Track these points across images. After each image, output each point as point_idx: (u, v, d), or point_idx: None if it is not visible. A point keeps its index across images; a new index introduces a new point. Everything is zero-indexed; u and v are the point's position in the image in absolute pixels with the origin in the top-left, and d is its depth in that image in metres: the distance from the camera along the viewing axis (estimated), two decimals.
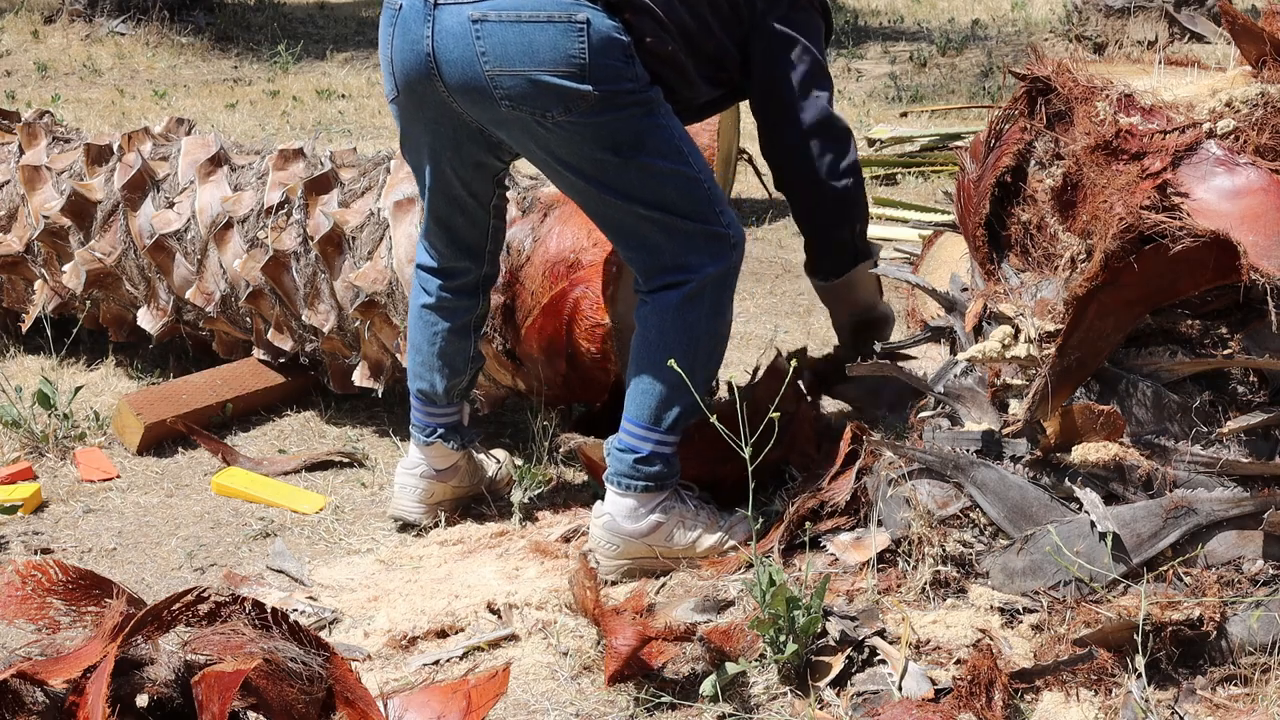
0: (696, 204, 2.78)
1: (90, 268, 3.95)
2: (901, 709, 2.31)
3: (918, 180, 6.27)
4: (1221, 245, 2.26)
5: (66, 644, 1.74)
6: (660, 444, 2.84)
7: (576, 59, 2.61)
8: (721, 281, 2.80)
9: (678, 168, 2.77)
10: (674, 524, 2.87)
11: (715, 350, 2.86)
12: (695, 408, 2.80)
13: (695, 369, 2.79)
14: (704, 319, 2.80)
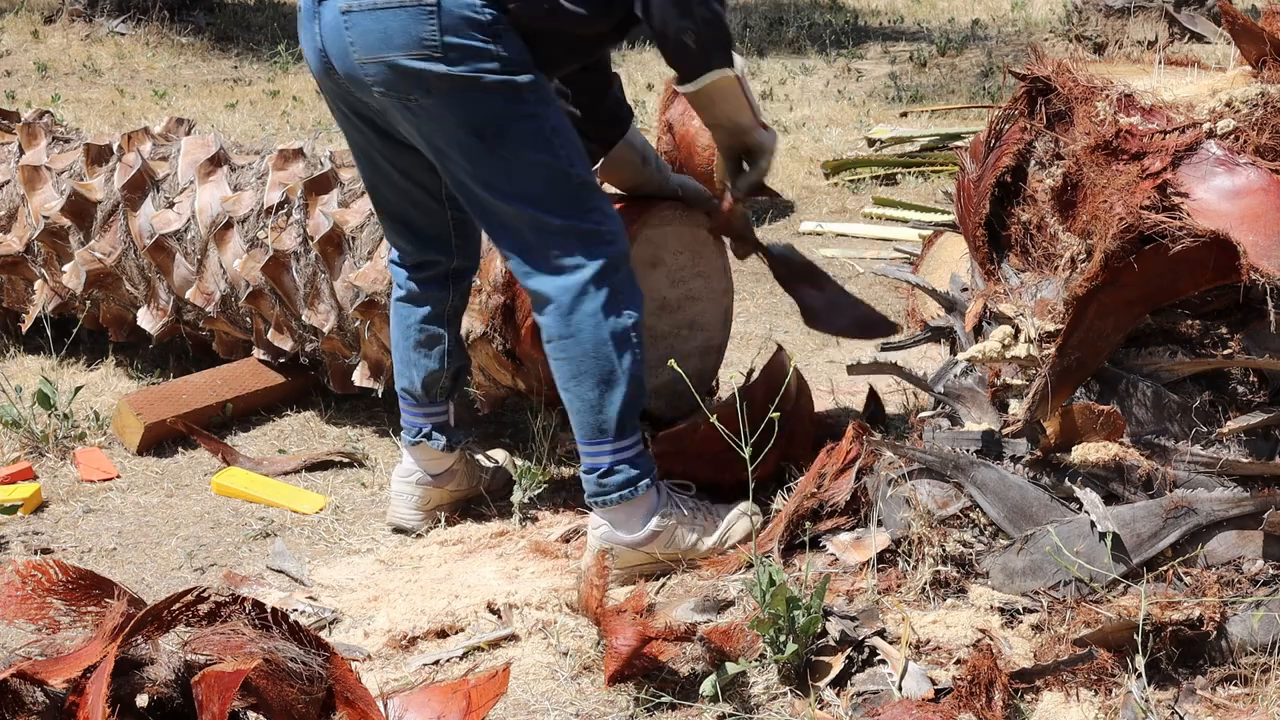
0: (564, 199, 2.72)
1: (90, 268, 3.95)
2: (901, 709, 2.31)
3: (918, 180, 6.27)
4: (1221, 245, 2.26)
5: (66, 644, 1.74)
6: (616, 451, 2.80)
7: (429, 41, 2.61)
8: (604, 278, 2.73)
9: (544, 159, 2.69)
10: (673, 530, 2.87)
11: (631, 344, 2.78)
12: (632, 404, 2.78)
13: (618, 369, 2.75)
14: (600, 322, 2.74)
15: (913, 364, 2.97)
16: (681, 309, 3.35)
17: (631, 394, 2.78)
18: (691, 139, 5.56)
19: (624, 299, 2.76)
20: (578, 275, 2.72)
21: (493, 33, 2.63)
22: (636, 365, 2.79)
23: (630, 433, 2.81)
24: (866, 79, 9.01)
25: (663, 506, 2.87)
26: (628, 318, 2.77)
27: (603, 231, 2.74)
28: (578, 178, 2.73)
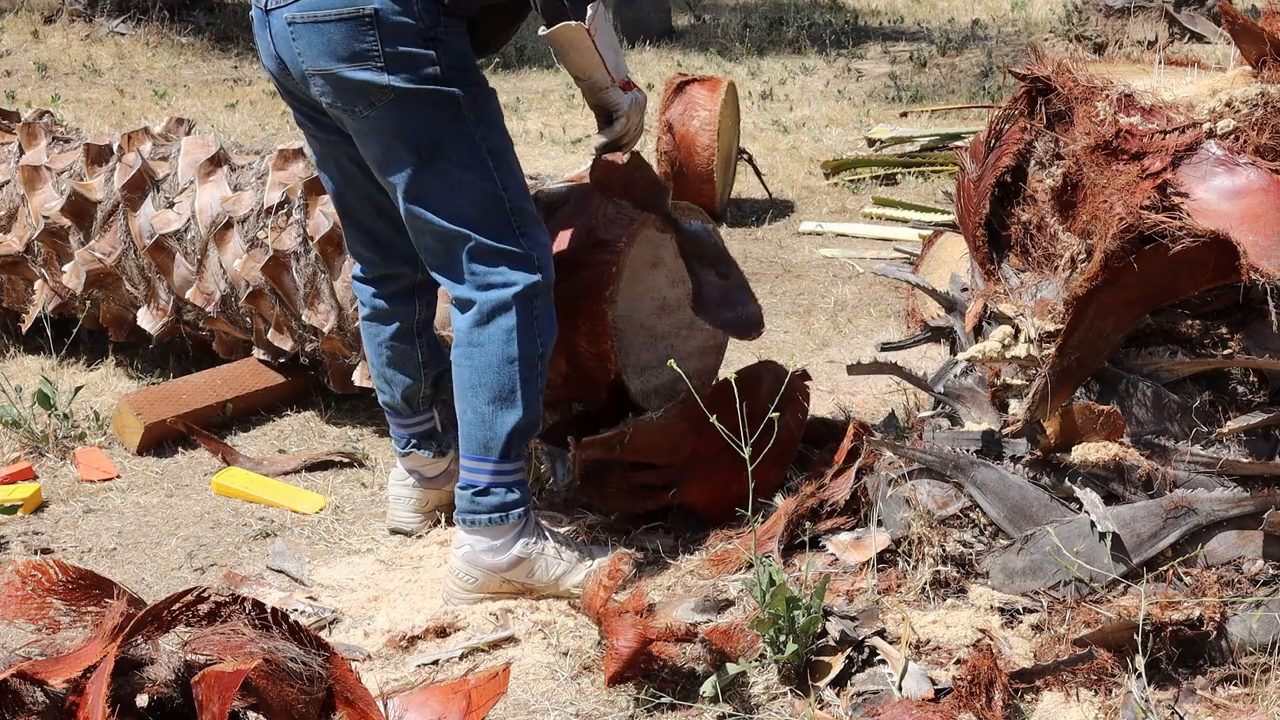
0: (495, 222, 2.74)
1: (90, 268, 3.95)
2: (901, 709, 2.31)
3: (918, 180, 6.27)
4: (1221, 245, 2.26)
5: (66, 644, 1.74)
6: (496, 473, 2.79)
7: (370, 51, 2.63)
8: (528, 304, 2.75)
9: (478, 181, 2.73)
10: (536, 560, 2.82)
11: (536, 370, 2.79)
12: (524, 430, 2.78)
13: (519, 391, 2.76)
14: (512, 340, 2.75)
15: (913, 364, 2.97)
16: (681, 309, 3.35)
17: (525, 421, 2.79)
18: (691, 139, 5.57)
19: (539, 327, 2.78)
20: (502, 291, 2.74)
21: (431, 37, 2.65)
22: (535, 395, 2.80)
23: (514, 458, 2.80)
24: (866, 79, 9.01)
25: (530, 535, 2.84)
26: (539, 345, 2.78)
27: (531, 257, 2.76)
28: (511, 203, 2.75)
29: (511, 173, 2.78)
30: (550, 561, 2.83)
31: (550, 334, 2.82)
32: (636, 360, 3.25)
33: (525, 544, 2.82)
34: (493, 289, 2.74)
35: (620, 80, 2.86)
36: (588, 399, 3.40)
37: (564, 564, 2.83)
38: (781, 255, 5.39)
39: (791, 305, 4.79)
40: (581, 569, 2.83)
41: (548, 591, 2.83)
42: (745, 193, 6.21)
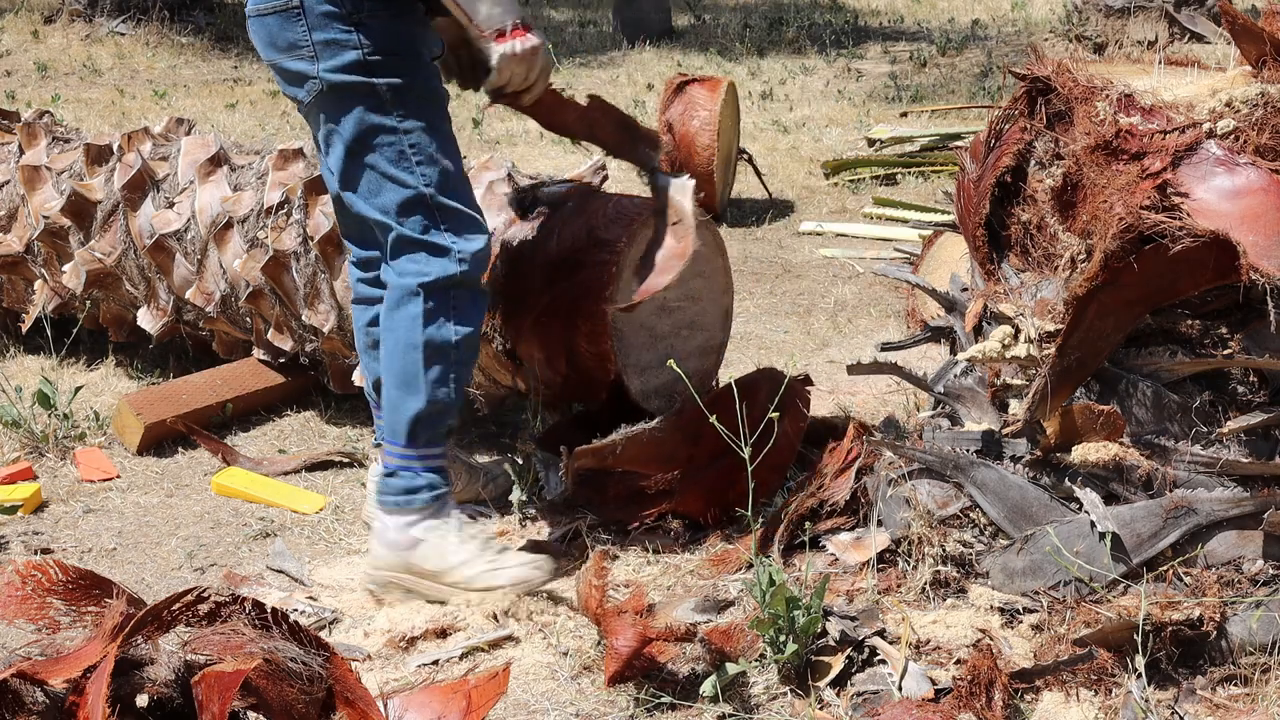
0: (417, 215, 2.77)
1: (90, 268, 3.95)
2: (901, 709, 2.31)
3: (918, 180, 6.27)
4: (1221, 245, 2.26)
5: (66, 644, 1.74)
6: (404, 458, 2.82)
7: (301, 41, 2.73)
8: (439, 294, 2.77)
9: (400, 175, 2.76)
10: (434, 545, 2.82)
11: (447, 360, 2.80)
12: (429, 419, 2.80)
13: (421, 378, 2.78)
14: (416, 327, 2.77)
15: (913, 364, 2.98)
16: (681, 309, 3.35)
17: (431, 410, 2.80)
18: (691, 139, 5.57)
19: (453, 317, 2.79)
20: (415, 279, 2.77)
21: (355, 22, 2.70)
22: (443, 384, 2.80)
23: (424, 444, 2.82)
24: (866, 79, 9.01)
25: (437, 520, 2.84)
26: (450, 333, 2.79)
27: (452, 249, 2.77)
28: (432, 198, 2.76)
29: (437, 167, 2.78)
30: (449, 549, 2.82)
31: (468, 322, 2.81)
32: (636, 360, 3.25)
33: (427, 528, 2.83)
34: (405, 276, 2.79)
35: (491, 30, 2.77)
36: (588, 399, 3.41)
37: (463, 554, 2.81)
38: (781, 255, 5.39)
39: (791, 305, 4.80)
40: (481, 565, 2.80)
41: (444, 579, 2.82)
42: (745, 193, 6.21)
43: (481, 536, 2.86)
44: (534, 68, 2.81)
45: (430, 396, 2.80)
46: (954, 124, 7.21)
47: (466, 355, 2.83)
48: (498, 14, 2.76)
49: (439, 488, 2.85)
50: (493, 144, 7.09)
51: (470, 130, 7.40)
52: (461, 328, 2.80)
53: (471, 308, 2.82)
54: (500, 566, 2.80)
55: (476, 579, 2.79)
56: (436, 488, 2.84)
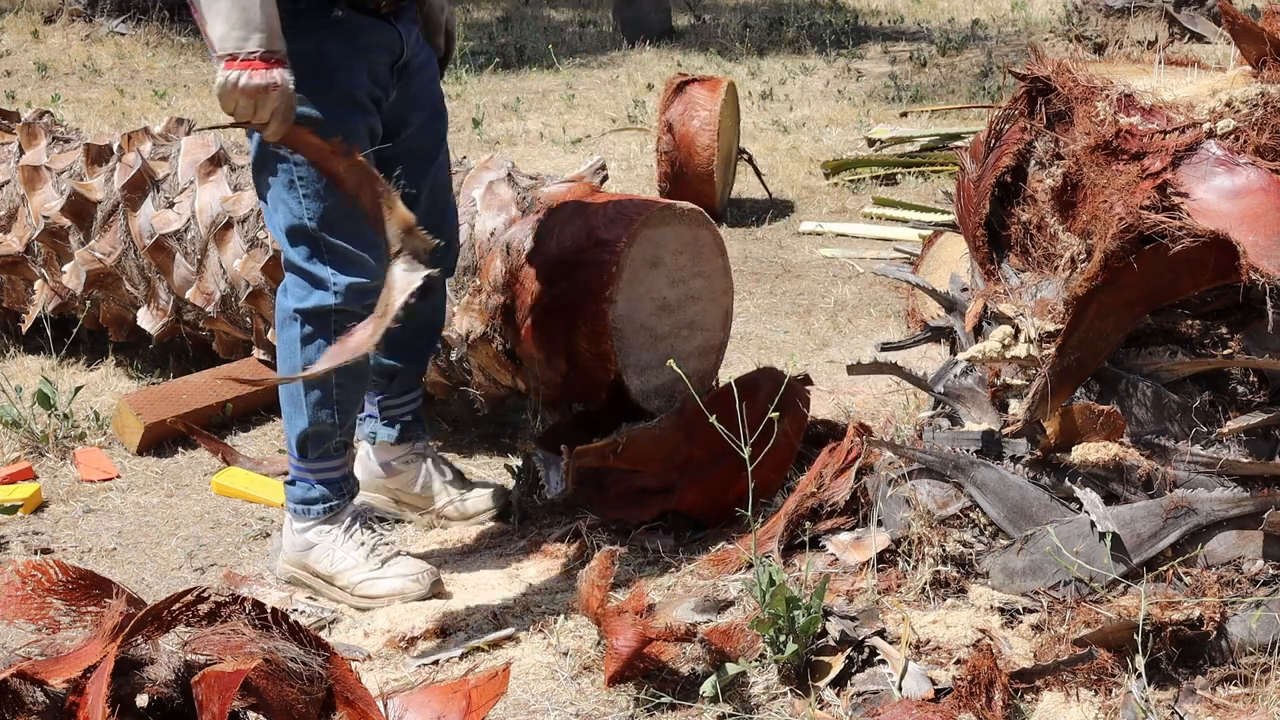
0: (299, 242, 2.77)
1: (90, 268, 3.95)
2: (901, 709, 2.31)
3: (918, 180, 6.27)
4: (1221, 245, 2.26)
5: (66, 644, 1.74)
6: (298, 469, 2.88)
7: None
8: (318, 320, 2.78)
9: (289, 202, 2.76)
10: (323, 550, 2.87)
11: (327, 384, 2.80)
12: (313, 437, 2.82)
13: (302, 399, 2.81)
14: (295, 350, 2.80)
15: (913, 364, 2.97)
16: (681, 309, 3.35)
17: (314, 430, 2.83)
18: (691, 139, 5.57)
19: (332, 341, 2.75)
20: (295, 303, 2.80)
21: None
22: (324, 406, 2.83)
23: (314, 459, 2.86)
24: (866, 79, 9.01)
25: (329, 527, 2.88)
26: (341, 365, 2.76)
27: (327, 281, 2.76)
28: (313, 230, 2.75)
29: (323, 203, 2.73)
30: (337, 555, 2.86)
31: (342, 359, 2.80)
32: (636, 360, 3.25)
33: (318, 532, 2.87)
34: (287, 298, 2.81)
35: (224, 53, 2.55)
36: (588, 399, 3.41)
37: (348, 562, 2.85)
38: (781, 255, 5.39)
39: (791, 305, 4.80)
40: (362, 573, 2.83)
41: (334, 583, 2.86)
42: (745, 193, 6.21)
43: (370, 544, 2.88)
44: (263, 106, 2.56)
45: (312, 418, 2.83)
46: (954, 124, 7.21)
47: (347, 380, 2.82)
48: (234, 37, 2.54)
49: (330, 499, 2.89)
50: (493, 144, 7.09)
51: (470, 130, 7.41)
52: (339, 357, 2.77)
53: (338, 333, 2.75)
54: (380, 577, 2.84)
55: (357, 587, 2.84)
56: (329, 500, 2.89)
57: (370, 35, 2.74)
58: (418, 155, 2.93)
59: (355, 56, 2.72)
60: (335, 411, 2.84)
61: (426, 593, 2.83)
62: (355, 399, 2.89)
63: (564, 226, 3.29)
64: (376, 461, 3.19)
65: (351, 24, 2.71)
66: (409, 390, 3.16)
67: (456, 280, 3.39)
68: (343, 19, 2.70)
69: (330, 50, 2.69)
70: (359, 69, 2.72)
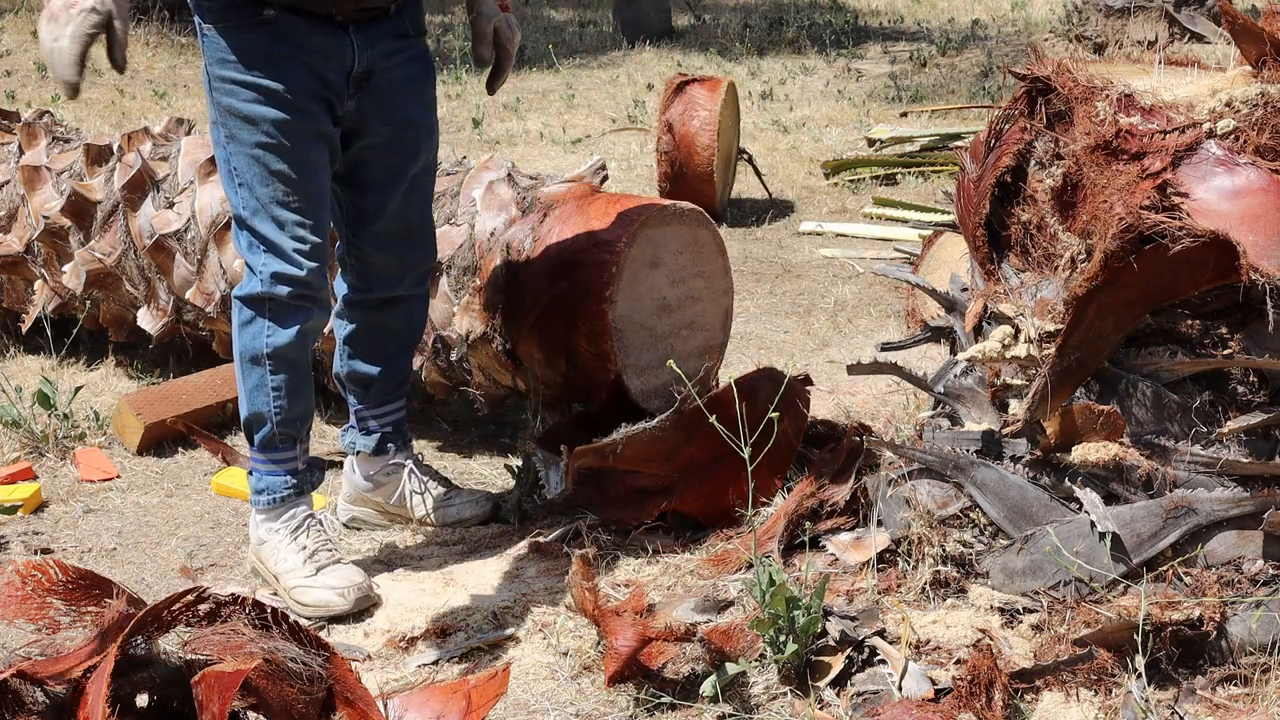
0: (242, 228, 2.80)
1: (90, 268, 3.95)
2: (901, 709, 2.31)
3: (918, 180, 6.27)
4: (1221, 245, 2.26)
5: (66, 644, 1.74)
6: (252, 460, 2.91)
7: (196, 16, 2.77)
8: (252, 306, 2.80)
9: (229, 190, 2.81)
10: (271, 547, 2.89)
11: (261, 370, 2.82)
12: (257, 425, 2.85)
13: (242, 385, 2.85)
14: (243, 337, 2.82)
15: (913, 364, 2.97)
16: (681, 309, 3.35)
17: (252, 417, 2.87)
18: (691, 139, 5.57)
19: (263, 329, 2.81)
20: (238, 290, 2.82)
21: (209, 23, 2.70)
22: (259, 393, 2.85)
23: (261, 449, 2.88)
24: (866, 79, 9.01)
25: (275, 524, 2.89)
26: (261, 344, 2.81)
27: (256, 268, 2.78)
28: (246, 220, 2.78)
29: (252, 193, 2.76)
30: (280, 554, 2.87)
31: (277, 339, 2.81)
32: (636, 360, 3.25)
33: (269, 529, 2.89)
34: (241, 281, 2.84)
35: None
36: (588, 399, 3.41)
37: (287, 564, 2.86)
38: (781, 255, 5.39)
39: (791, 305, 4.80)
40: (296, 578, 2.83)
41: (278, 580, 2.87)
42: (745, 193, 6.21)
43: (310, 549, 2.87)
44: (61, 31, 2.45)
45: (250, 404, 2.85)
46: (954, 124, 7.21)
47: (281, 366, 2.83)
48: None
49: (276, 492, 2.89)
50: (493, 144, 7.09)
51: (470, 130, 7.41)
52: (272, 340, 2.81)
53: (282, 320, 2.80)
54: (310, 585, 2.83)
55: (292, 591, 2.84)
56: (274, 492, 2.89)
57: (310, 39, 2.73)
58: (388, 169, 2.92)
59: (291, 55, 2.72)
60: (273, 399, 2.84)
61: (350, 609, 2.80)
62: (297, 393, 2.87)
63: (564, 226, 3.29)
64: (360, 474, 3.17)
65: (285, 24, 2.70)
66: (388, 401, 3.13)
67: (456, 280, 3.39)
68: (274, 19, 2.69)
69: (259, 47, 2.70)
70: (294, 67, 2.72)
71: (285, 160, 2.74)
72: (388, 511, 3.18)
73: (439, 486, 3.20)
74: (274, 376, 2.84)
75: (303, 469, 2.93)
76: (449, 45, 10.62)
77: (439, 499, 3.18)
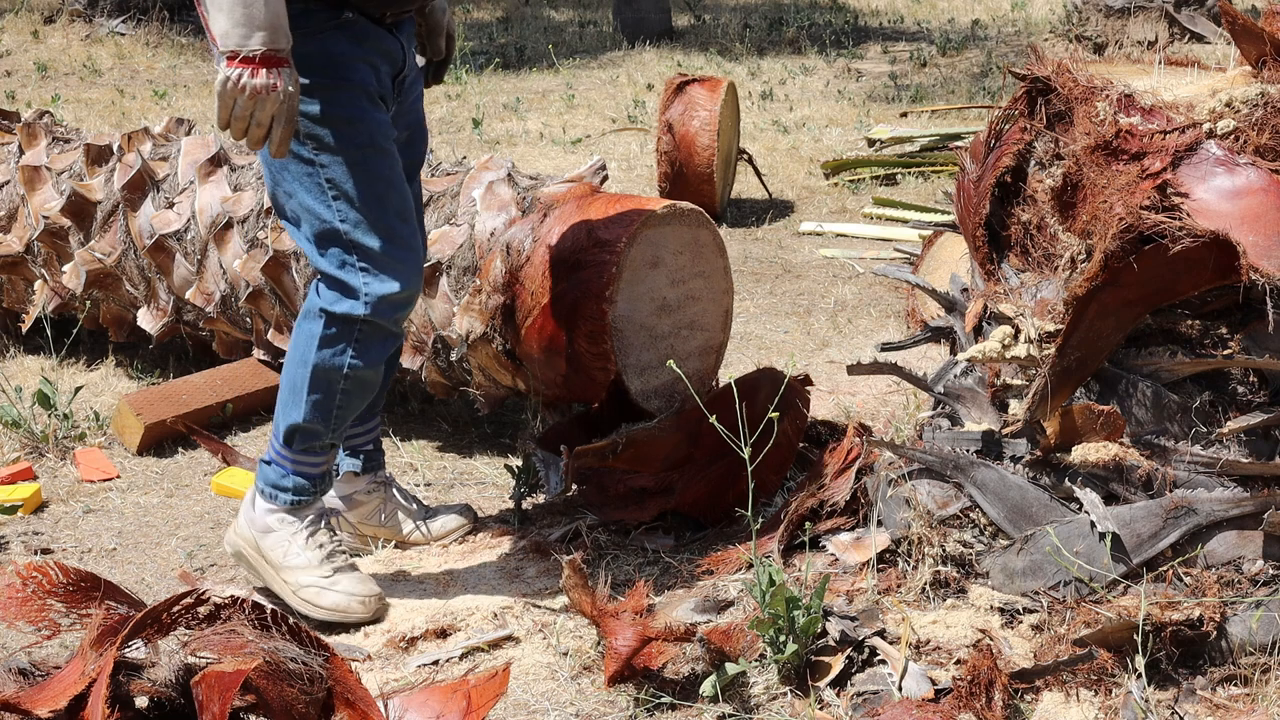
0: (329, 248, 2.67)
1: (90, 268, 3.95)
2: (901, 709, 2.31)
3: (918, 180, 6.27)
4: (1221, 245, 2.26)
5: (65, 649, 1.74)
6: (279, 454, 2.81)
7: None
8: (342, 324, 2.69)
9: (316, 207, 2.65)
10: (280, 538, 2.80)
11: (332, 388, 2.74)
12: (309, 435, 2.76)
13: (304, 395, 2.74)
14: (312, 345, 2.72)
15: (913, 364, 2.98)
16: (681, 309, 3.35)
17: (307, 426, 2.76)
18: (691, 139, 5.57)
19: (352, 349, 2.71)
20: (326, 304, 2.70)
21: None
22: (323, 408, 2.75)
23: (296, 449, 2.79)
24: (866, 79, 9.01)
25: (293, 518, 2.82)
26: (343, 363, 2.72)
27: (357, 289, 2.67)
28: (345, 234, 2.65)
29: (354, 205, 2.64)
30: (293, 549, 2.80)
31: (366, 364, 2.73)
32: (636, 360, 3.25)
33: (280, 519, 2.82)
34: (319, 298, 2.71)
35: (227, 49, 2.42)
36: (588, 399, 3.41)
37: (301, 560, 2.79)
38: (781, 255, 5.39)
39: (791, 305, 4.80)
40: (311, 577, 2.78)
41: (280, 574, 2.80)
42: (745, 193, 6.21)
43: (326, 549, 2.82)
44: (262, 108, 2.43)
45: (308, 416, 2.75)
46: (954, 124, 7.21)
47: (355, 387, 2.76)
48: (236, 34, 2.41)
49: (303, 494, 2.82)
50: (493, 144, 7.09)
51: (470, 130, 7.41)
52: (357, 362, 2.73)
53: (376, 346, 2.73)
54: (328, 587, 2.77)
55: (302, 589, 2.78)
56: (301, 493, 2.82)
57: (376, 42, 2.69)
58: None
59: (364, 57, 2.66)
60: (334, 416, 2.79)
61: (369, 618, 2.78)
62: (355, 410, 2.83)
63: (564, 226, 3.29)
64: (338, 495, 3.09)
65: (360, 27, 2.65)
66: (370, 418, 3.09)
67: (456, 280, 3.39)
68: (352, 20, 2.64)
69: (340, 49, 2.63)
70: (367, 69, 2.67)
71: (388, 164, 2.67)
72: (366, 532, 3.12)
73: (420, 507, 3.17)
74: (344, 396, 2.76)
75: (328, 470, 2.88)
76: None
77: (425, 514, 3.16)
